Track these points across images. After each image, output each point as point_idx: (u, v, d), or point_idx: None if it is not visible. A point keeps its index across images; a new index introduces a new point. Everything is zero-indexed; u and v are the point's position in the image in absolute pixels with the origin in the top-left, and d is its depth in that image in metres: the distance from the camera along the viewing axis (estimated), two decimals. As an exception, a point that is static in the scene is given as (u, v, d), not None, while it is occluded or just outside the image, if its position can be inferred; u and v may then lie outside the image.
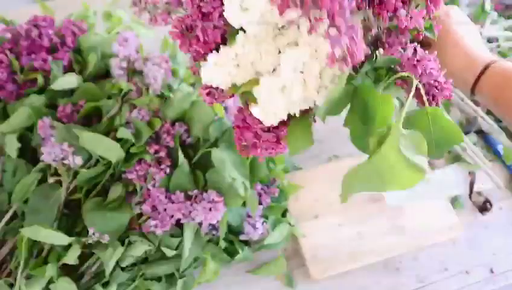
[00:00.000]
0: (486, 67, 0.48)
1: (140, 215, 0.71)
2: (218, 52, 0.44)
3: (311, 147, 0.46)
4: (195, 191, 0.71)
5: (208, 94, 0.48)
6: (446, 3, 0.50)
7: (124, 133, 0.71)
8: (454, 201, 0.85)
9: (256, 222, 0.74)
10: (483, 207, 0.85)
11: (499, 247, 0.81)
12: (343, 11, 0.32)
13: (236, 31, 0.43)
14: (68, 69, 0.81)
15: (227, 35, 0.45)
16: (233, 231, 0.75)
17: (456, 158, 0.88)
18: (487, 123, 0.88)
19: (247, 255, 0.75)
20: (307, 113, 0.45)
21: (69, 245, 0.66)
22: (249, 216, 0.75)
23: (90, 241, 0.67)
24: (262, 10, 0.41)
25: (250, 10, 0.41)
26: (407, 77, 0.42)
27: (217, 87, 0.46)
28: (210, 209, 0.69)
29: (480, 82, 0.48)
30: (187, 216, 0.69)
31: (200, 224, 0.72)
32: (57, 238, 0.64)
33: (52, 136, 0.70)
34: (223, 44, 0.45)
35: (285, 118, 0.44)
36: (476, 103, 0.90)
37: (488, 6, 1.03)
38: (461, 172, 0.87)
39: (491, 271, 0.78)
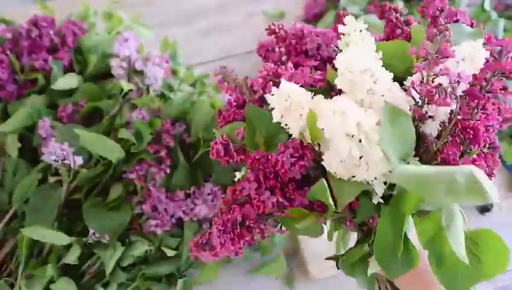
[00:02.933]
0: None
1: (140, 215, 0.71)
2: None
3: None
4: (192, 188, 0.71)
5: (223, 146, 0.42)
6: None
7: (125, 134, 0.71)
8: (455, 201, 0.85)
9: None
10: (484, 207, 0.84)
11: (499, 247, 0.81)
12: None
13: None
14: (68, 69, 0.81)
15: None
16: (234, 231, 0.75)
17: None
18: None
19: (247, 254, 0.75)
20: None
21: (69, 245, 0.66)
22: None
23: (90, 241, 0.67)
24: None
25: None
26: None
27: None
28: (212, 201, 0.70)
29: None
30: (188, 213, 0.70)
31: (200, 224, 0.72)
32: (57, 238, 0.64)
33: (53, 136, 0.71)
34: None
35: None
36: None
37: (488, 6, 1.03)
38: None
39: (491, 271, 0.78)
